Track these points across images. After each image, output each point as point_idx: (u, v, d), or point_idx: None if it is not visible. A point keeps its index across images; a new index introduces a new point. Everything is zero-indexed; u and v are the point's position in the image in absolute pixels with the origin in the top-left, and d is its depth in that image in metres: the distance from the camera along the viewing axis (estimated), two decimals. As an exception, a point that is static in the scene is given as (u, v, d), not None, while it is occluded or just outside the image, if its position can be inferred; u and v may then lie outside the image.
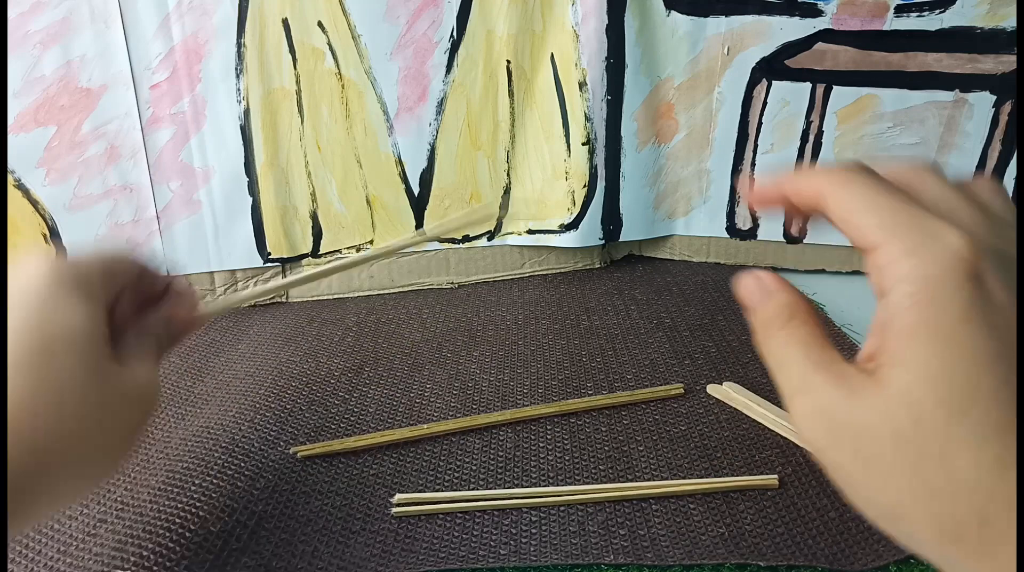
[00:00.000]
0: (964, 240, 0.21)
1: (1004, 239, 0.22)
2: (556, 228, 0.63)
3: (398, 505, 0.37)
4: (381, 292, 0.64)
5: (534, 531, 0.35)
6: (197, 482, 0.39)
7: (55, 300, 0.27)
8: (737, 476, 0.37)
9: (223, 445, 0.42)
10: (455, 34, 0.58)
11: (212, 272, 0.61)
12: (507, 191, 0.63)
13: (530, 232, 0.64)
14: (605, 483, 0.38)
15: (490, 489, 0.38)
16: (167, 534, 0.35)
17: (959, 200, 0.23)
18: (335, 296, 0.63)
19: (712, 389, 0.46)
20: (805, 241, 0.63)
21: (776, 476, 0.37)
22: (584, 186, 0.62)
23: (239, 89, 0.56)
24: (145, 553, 0.34)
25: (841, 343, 0.51)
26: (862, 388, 0.21)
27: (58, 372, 0.25)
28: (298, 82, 0.57)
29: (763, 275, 0.25)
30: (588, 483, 0.38)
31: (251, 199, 0.59)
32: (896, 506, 0.20)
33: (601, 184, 0.62)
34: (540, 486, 0.38)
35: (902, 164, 0.24)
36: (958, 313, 0.20)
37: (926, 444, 0.20)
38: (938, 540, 0.20)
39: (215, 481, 0.39)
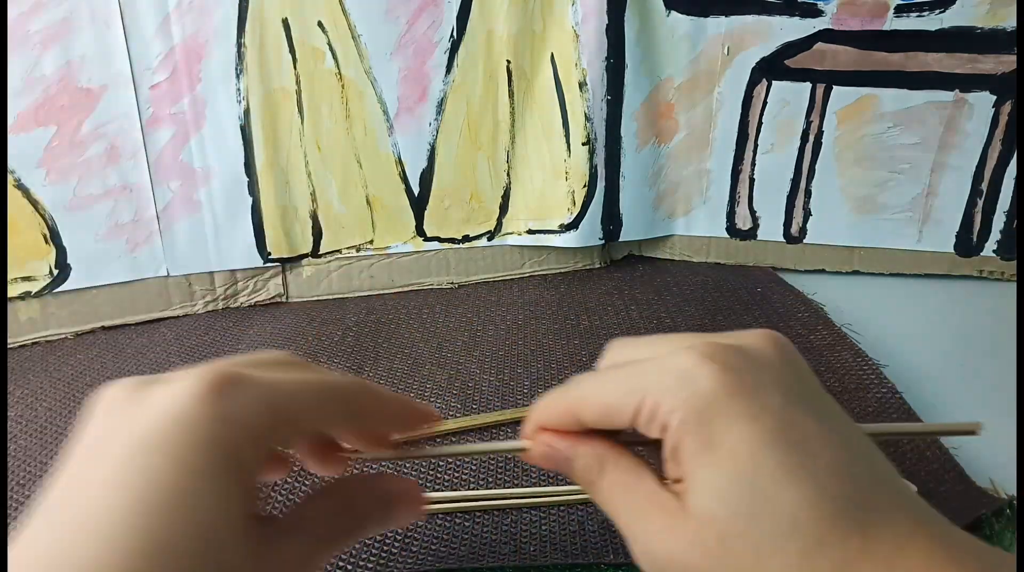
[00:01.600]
0: (697, 345, 0.22)
1: (732, 339, 0.23)
2: (556, 228, 0.63)
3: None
4: (381, 292, 0.64)
5: (534, 531, 0.35)
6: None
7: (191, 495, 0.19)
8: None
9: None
10: (455, 34, 0.58)
11: (212, 272, 0.61)
12: (507, 191, 0.63)
13: (530, 232, 0.64)
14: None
15: (490, 489, 0.38)
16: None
17: (674, 338, 0.24)
18: (335, 296, 0.63)
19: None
20: (805, 241, 0.63)
21: None
22: (584, 186, 0.62)
23: (239, 89, 0.56)
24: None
25: (841, 343, 0.51)
26: (675, 520, 0.21)
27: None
28: (298, 82, 0.57)
29: (548, 440, 0.24)
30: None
31: (251, 199, 0.59)
32: None
33: (601, 184, 0.62)
34: (540, 486, 0.38)
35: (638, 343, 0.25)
36: (724, 417, 0.20)
37: (738, 560, 0.19)
38: None
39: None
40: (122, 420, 0.20)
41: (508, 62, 0.59)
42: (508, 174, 0.63)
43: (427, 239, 0.63)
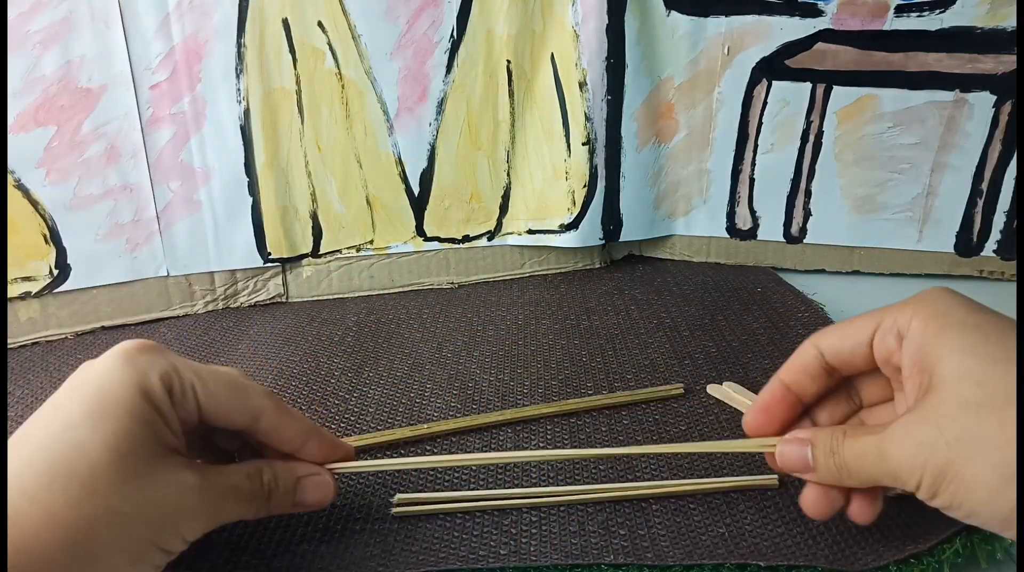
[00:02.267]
0: (933, 289, 0.30)
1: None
2: (556, 228, 0.63)
3: (398, 505, 0.37)
4: (381, 292, 0.64)
5: (534, 531, 0.35)
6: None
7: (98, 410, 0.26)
8: (737, 476, 0.37)
9: (223, 445, 0.42)
10: (455, 34, 0.58)
11: (212, 272, 0.61)
12: (507, 191, 0.63)
13: (530, 232, 0.64)
14: (605, 483, 0.38)
15: (490, 489, 0.38)
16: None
17: None
18: (335, 296, 0.63)
19: (712, 389, 0.46)
20: (805, 241, 0.63)
21: (776, 476, 0.37)
22: (584, 186, 0.62)
23: (239, 89, 0.56)
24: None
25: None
26: (921, 405, 0.26)
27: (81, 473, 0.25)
28: (298, 82, 0.57)
29: (796, 432, 0.31)
30: (588, 483, 0.38)
31: (251, 199, 0.59)
32: (1004, 463, 0.24)
33: (601, 184, 0.62)
34: (540, 486, 0.38)
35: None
36: (960, 311, 0.27)
37: (992, 407, 0.24)
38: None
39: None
40: (69, 380, 0.28)
41: (508, 62, 0.59)
42: (508, 174, 0.63)
43: (427, 239, 0.63)
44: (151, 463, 0.27)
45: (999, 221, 0.59)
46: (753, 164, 0.62)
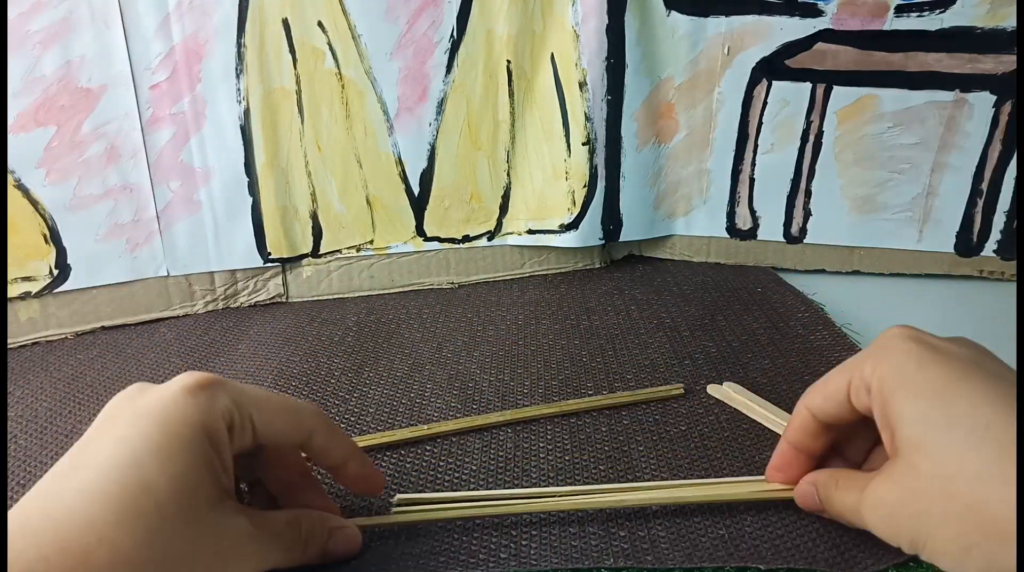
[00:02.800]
0: (898, 328, 0.29)
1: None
2: (556, 228, 0.63)
3: (398, 506, 0.37)
4: (381, 292, 0.64)
5: (534, 533, 0.35)
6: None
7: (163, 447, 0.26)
8: (737, 476, 0.37)
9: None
10: (455, 34, 0.58)
11: (212, 272, 0.61)
12: (507, 191, 0.63)
13: (530, 232, 0.64)
14: (605, 483, 0.38)
15: (490, 490, 0.38)
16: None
17: None
18: (335, 296, 0.63)
19: (712, 389, 0.46)
20: (805, 241, 0.63)
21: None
22: (584, 186, 0.62)
23: (239, 89, 0.56)
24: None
25: (841, 343, 0.51)
26: (892, 469, 0.27)
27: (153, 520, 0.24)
28: (298, 82, 0.57)
29: (810, 475, 0.33)
30: (588, 483, 0.38)
31: (251, 199, 0.59)
32: (962, 535, 0.24)
33: (601, 184, 0.62)
34: (540, 486, 0.38)
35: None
36: (914, 363, 0.27)
37: (942, 467, 0.25)
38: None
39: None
40: (126, 404, 0.27)
41: (508, 62, 0.59)
42: (508, 174, 0.63)
43: (427, 239, 0.63)
44: (211, 506, 0.26)
45: (999, 221, 0.59)
46: (753, 164, 0.62)
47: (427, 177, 0.61)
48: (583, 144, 0.60)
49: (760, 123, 0.61)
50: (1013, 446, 0.23)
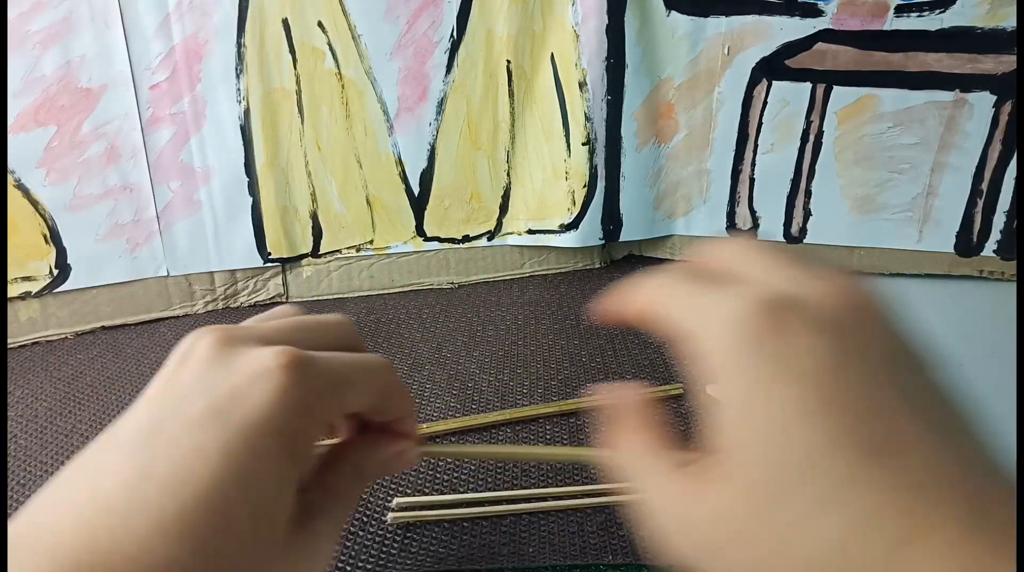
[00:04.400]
0: (740, 299, 0.19)
1: (810, 288, 0.20)
2: (556, 228, 0.63)
3: (396, 510, 0.36)
4: (381, 292, 0.64)
5: (532, 531, 0.35)
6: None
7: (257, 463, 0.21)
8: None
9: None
10: (455, 34, 0.58)
11: (212, 272, 0.61)
12: (507, 191, 0.63)
13: (530, 232, 0.64)
14: (605, 483, 0.38)
15: (489, 491, 0.38)
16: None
17: (766, 264, 0.21)
18: (335, 296, 0.63)
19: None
20: (805, 241, 0.63)
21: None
22: (584, 186, 0.62)
23: (239, 89, 0.56)
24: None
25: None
26: (702, 480, 0.20)
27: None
28: (298, 82, 0.57)
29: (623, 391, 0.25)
30: (588, 484, 0.38)
31: (251, 199, 0.59)
32: None
33: (601, 184, 0.62)
34: (540, 487, 0.38)
35: (726, 246, 0.23)
36: (749, 376, 0.19)
37: (773, 526, 0.17)
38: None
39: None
40: (205, 379, 0.22)
41: (508, 62, 0.59)
42: (508, 174, 0.63)
43: (427, 239, 0.63)
44: (282, 537, 0.22)
45: (999, 221, 0.59)
46: (753, 164, 0.62)
47: (427, 177, 0.61)
48: (583, 144, 0.60)
49: (760, 123, 0.61)
50: (840, 485, 0.16)
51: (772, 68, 0.59)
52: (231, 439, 0.21)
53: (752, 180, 0.63)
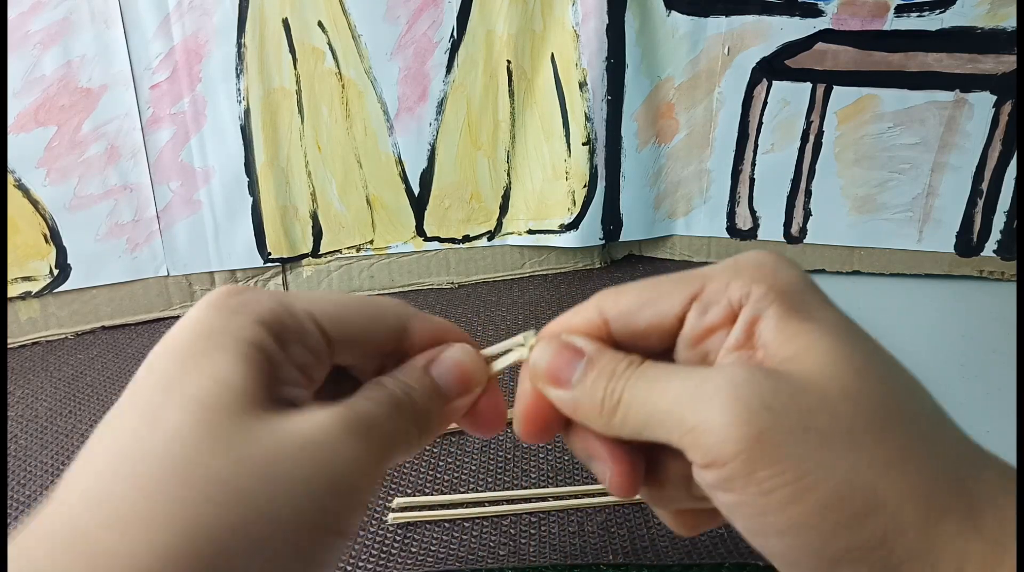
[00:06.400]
0: (760, 252, 0.21)
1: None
2: (556, 228, 0.63)
3: (396, 510, 0.36)
4: (381, 292, 0.64)
5: (533, 531, 0.35)
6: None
7: (187, 356, 0.19)
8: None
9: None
10: (455, 34, 0.58)
11: (212, 272, 0.61)
12: (507, 191, 0.63)
13: (530, 232, 0.64)
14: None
15: (489, 491, 0.38)
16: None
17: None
18: (335, 296, 0.63)
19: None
20: (805, 241, 0.63)
21: None
22: (584, 186, 0.62)
23: (239, 89, 0.56)
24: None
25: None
26: (786, 368, 0.19)
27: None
28: (298, 82, 0.57)
29: (574, 337, 0.23)
30: (588, 484, 0.38)
31: (251, 199, 0.59)
32: (869, 489, 0.17)
33: (601, 184, 0.62)
34: (540, 487, 0.38)
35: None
36: (812, 295, 0.21)
37: (883, 411, 0.18)
38: (924, 516, 0.17)
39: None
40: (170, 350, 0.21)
41: (508, 62, 0.59)
42: (508, 174, 0.63)
43: (427, 239, 0.63)
44: (257, 415, 0.19)
45: (999, 221, 0.59)
46: (753, 164, 0.62)
47: (427, 177, 0.61)
48: (583, 144, 0.60)
49: (760, 123, 0.61)
50: (943, 422, 0.19)
51: (772, 68, 0.59)
52: (184, 397, 0.19)
53: (752, 180, 0.63)
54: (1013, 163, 0.57)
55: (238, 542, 0.16)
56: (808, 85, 0.59)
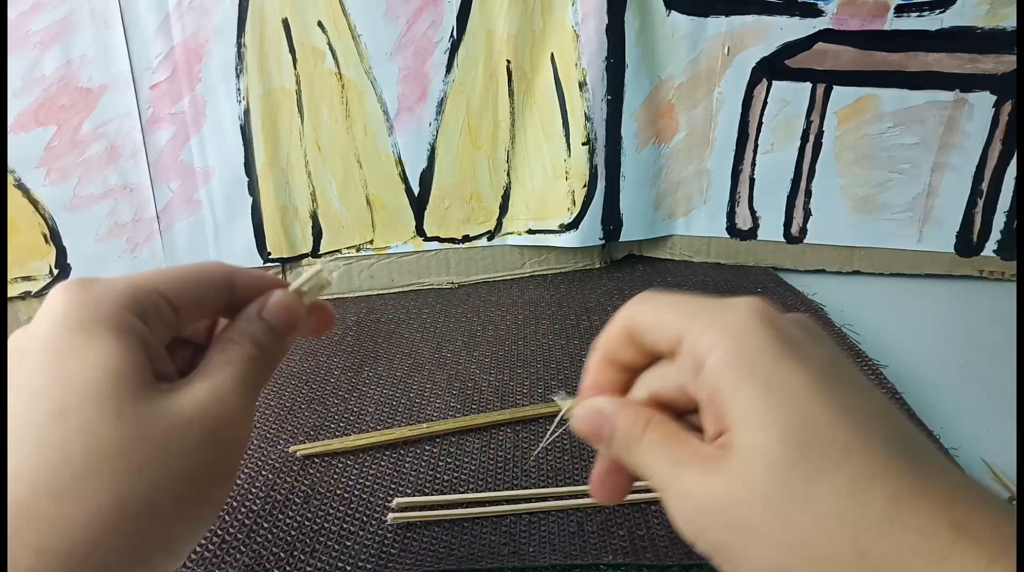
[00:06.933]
0: (751, 301, 0.23)
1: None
2: (556, 228, 0.63)
3: (396, 510, 0.36)
4: (381, 292, 0.64)
5: (533, 531, 0.35)
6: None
7: (67, 349, 0.21)
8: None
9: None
10: (455, 34, 0.58)
11: (212, 272, 0.60)
12: (507, 191, 0.63)
13: (530, 232, 0.64)
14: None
15: (489, 491, 0.38)
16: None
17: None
18: (335, 296, 0.63)
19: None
20: (805, 241, 0.63)
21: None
22: (584, 186, 0.62)
23: (239, 89, 0.56)
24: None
25: (841, 343, 0.51)
26: (718, 463, 0.21)
27: (76, 433, 0.20)
28: (298, 82, 0.57)
29: (598, 402, 0.25)
30: (588, 484, 0.38)
31: (251, 199, 0.59)
32: (780, 568, 0.20)
33: (601, 184, 0.62)
34: (539, 487, 0.38)
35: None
36: (770, 355, 0.21)
37: (786, 491, 0.19)
38: None
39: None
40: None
41: (508, 62, 0.59)
42: (508, 174, 0.63)
43: (427, 239, 0.63)
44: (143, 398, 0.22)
45: (999, 221, 0.59)
46: (753, 164, 0.62)
47: (427, 177, 0.61)
48: (583, 144, 0.60)
49: (760, 123, 0.61)
50: (868, 479, 0.19)
51: (772, 68, 0.59)
52: (37, 357, 0.21)
53: (752, 180, 0.63)
54: (1013, 163, 0.57)
55: (153, 493, 0.21)
56: (808, 85, 0.59)
